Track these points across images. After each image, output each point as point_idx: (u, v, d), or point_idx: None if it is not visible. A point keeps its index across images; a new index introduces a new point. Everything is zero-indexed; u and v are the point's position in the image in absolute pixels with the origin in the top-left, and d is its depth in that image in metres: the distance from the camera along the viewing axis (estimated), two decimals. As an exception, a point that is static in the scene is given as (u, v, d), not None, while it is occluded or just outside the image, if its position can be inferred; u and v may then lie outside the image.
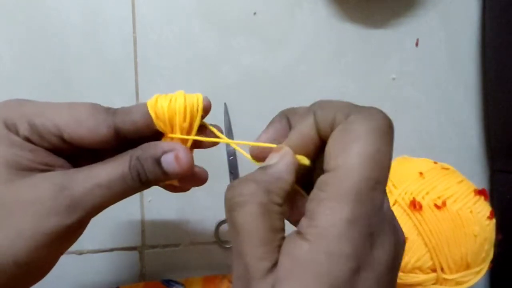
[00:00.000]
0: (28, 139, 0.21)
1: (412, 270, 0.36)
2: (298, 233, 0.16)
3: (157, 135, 0.23)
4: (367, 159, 0.15)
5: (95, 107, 0.22)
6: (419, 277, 0.36)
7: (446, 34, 0.44)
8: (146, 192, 0.41)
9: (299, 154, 0.19)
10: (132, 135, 0.22)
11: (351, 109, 0.17)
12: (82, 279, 0.40)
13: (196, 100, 0.23)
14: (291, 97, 0.42)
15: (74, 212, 0.20)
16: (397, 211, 0.36)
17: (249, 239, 0.16)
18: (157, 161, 0.21)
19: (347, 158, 0.15)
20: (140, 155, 0.22)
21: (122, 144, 0.23)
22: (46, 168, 0.21)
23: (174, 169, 0.22)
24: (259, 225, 0.16)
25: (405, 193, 0.36)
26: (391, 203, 0.37)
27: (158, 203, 0.41)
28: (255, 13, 0.41)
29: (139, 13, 0.39)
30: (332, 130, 0.17)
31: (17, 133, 0.21)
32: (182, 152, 0.22)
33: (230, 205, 0.17)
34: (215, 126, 0.24)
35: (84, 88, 0.39)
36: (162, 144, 0.22)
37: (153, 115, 0.22)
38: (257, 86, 0.41)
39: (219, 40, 0.41)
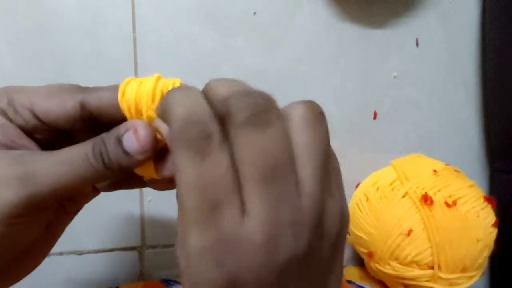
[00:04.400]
0: (3, 113, 0.21)
1: (410, 264, 0.36)
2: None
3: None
4: None
5: (71, 84, 0.22)
6: (414, 271, 0.36)
7: (446, 34, 0.44)
8: (146, 191, 0.41)
9: None
10: (99, 114, 0.22)
11: None
12: (82, 279, 0.40)
13: (172, 84, 0.21)
14: (291, 97, 0.41)
15: (25, 185, 0.19)
16: (407, 203, 0.36)
17: None
18: (119, 140, 0.20)
19: None
20: (104, 135, 0.21)
21: (94, 129, 0.22)
22: (12, 145, 0.21)
23: (135, 148, 0.20)
24: None
25: (417, 187, 0.37)
26: (401, 194, 0.37)
27: (158, 203, 0.41)
28: (255, 13, 0.41)
29: (139, 13, 0.39)
30: None
31: None
32: (141, 127, 0.20)
33: None
34: None
35: (84, 88, 0.39)
36: (126, 123, 0.21)
37: (120, 93, 0.21)
38: (257, 86, 0.41)
39: (219, 40, 0.41)
